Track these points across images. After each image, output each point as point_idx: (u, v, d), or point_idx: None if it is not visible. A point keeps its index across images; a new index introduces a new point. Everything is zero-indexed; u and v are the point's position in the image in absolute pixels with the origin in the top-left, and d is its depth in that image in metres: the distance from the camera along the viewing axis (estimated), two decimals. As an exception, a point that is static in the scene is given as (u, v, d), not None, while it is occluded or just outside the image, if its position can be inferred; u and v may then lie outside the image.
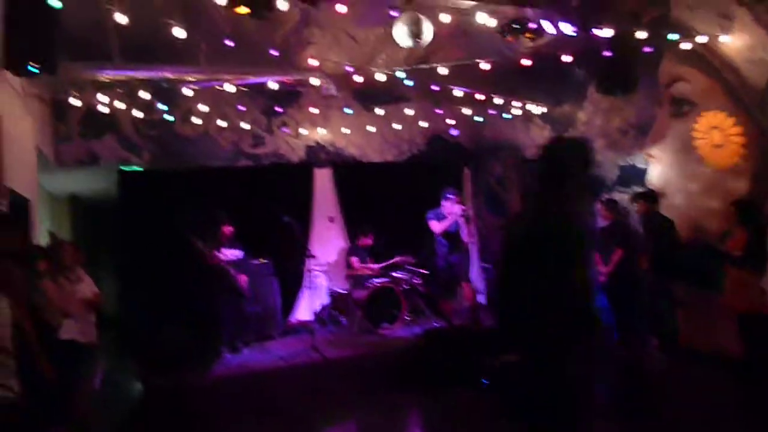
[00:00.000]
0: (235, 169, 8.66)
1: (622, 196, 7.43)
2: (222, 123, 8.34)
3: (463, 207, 7.31)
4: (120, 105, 7.43)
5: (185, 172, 8.24)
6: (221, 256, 7.13)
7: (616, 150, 7.58)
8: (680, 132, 6.68)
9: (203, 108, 7.96)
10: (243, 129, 8.59)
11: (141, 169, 8.20)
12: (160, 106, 7.71)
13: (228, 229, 7.30)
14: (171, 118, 8.02)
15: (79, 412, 4.59)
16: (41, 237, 6.86)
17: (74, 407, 4.51)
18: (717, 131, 6.32)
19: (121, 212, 8.02)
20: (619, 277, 6.67)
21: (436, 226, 7.31)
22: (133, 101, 7.46)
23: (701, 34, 6.15)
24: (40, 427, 3.52)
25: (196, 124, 8.23)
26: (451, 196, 7.28)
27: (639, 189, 7.21)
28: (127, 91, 7.35)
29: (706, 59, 6.26)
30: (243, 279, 7.26)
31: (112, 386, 5.95)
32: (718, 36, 6.04)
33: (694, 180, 6.62)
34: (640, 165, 7.25)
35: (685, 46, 6.30)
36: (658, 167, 7.03)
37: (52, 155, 7.61)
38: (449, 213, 7.26)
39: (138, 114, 7.70)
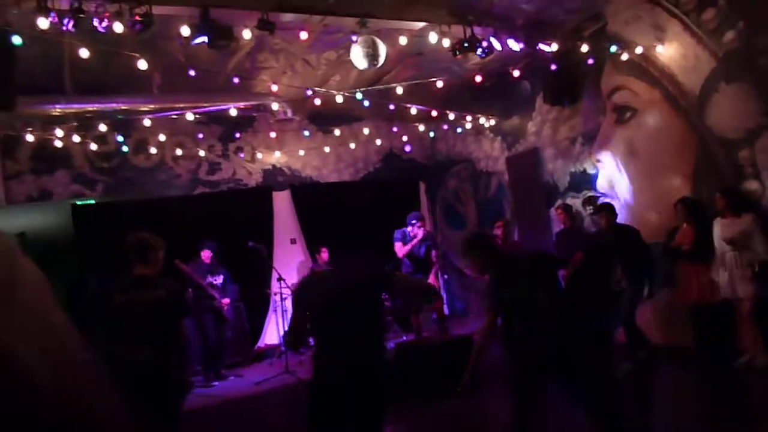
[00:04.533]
0: (192, 197, 8.60)
1: (574, 201, 7.77)
2: (178, 151, 8.30)
3: (427, 230, 7.43)
4: (73, 138, 7.32)
5: (140, 203, 8.13)
6: (211, 281, 7.08)
7: (566, 157, 7.93)
8: (624, 137, 7.06)
9: (159, 138, 7.90)
10: (199, 156, 8.57)
11: (93, 202, 8.06)
12: (115, 137, 7.63)
13: (206, 255, 7.21)
14: (125, 149, 7.94)
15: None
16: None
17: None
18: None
19: (77, 247, 7.84)
20: (580, 278, 6.94)
21: (400, 250, 7.39)
22: (87, 134, 7.37)
23: (638, 45, 6.56)
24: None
25: (152, 154, 8.17)
26: (415, 222, 7.37)
27: (590, 193, 7.55)
28: (80, 124, 7.25)
29: (645, 68, 6.65)
30: (226, 302, 7.20)
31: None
32: (654, 46, 6.45)
33: (638, 182, 6.99)
34: (590, 170, 7.60)
35: (624, 57, 6.71)
36: (606, 171, 7.39)
37: (2, 193, 7.40)
38: (413, 236, 7.36)
39: (92, 147, 7.60)
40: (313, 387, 3.21)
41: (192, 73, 5.99)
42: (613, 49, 6.65)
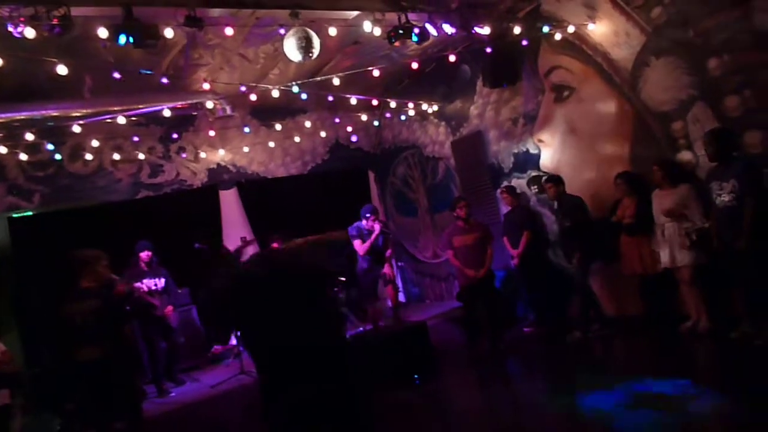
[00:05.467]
0: (134, 201, 8.37)
1: (519, 182, 7.86)
2: (116, 156, 8.06)
3: (381, 222, 7.32)
4: (2, 150, 7.02)
5: (80, 211, 7.88)
6: (142, 287, 6.76)
7: (509, 138, 7.99)
8: (563, 115, 7.15)
9: (94, 143, 7.65)
10: (140, 160, 8.33)
11: (30, 213, 7.77)
12: (47, 145, 7.34)
13: (146, 255, 6.96)
14: (59, 157, 7.66)
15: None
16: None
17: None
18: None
19: (16, 261, 7.55)
20: (528, 257, 7.06)
21: (360, 247, 7.24)
22: (17, 144, 7.07)
23: (570, 24, 6.63)
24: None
25: (89, 160, 7.91)
26: (369, 215, 7.23)
27: (534, 173, 7.64)
28: (8, 133, 6.94)
29: (578, 47, 6.74)
30: (169, 310, 6.96)
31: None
32: (585, 25, 6.54)
33: (579, 158, 7.09)
34: (533, 150, 7.68)
35: (558, 36, 6.78)
36: (548, 150, 7.48)
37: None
38: (370, 229, 7.24)
39: (23, 156, 7.31)
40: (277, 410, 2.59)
41: (118, 75, 5.76)
42: (546, 29, 6.70)
